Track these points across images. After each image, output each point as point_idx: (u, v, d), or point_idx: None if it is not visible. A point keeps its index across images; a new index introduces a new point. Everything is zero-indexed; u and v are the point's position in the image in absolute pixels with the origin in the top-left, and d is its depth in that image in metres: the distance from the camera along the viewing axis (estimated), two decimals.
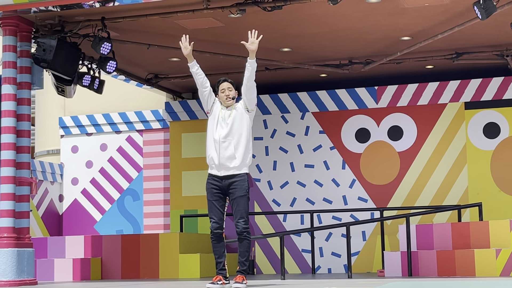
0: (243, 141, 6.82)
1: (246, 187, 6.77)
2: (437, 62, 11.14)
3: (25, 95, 8.77)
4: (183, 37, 7.05)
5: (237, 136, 6.81)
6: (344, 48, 10.57)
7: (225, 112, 6.91)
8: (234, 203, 6.77)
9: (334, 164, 11.78)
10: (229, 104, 6.94)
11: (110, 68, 9.58)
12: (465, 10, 8.90)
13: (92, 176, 13.17)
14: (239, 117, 6.86)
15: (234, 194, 6.76)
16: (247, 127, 6.87)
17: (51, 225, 13.01)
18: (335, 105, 11.85)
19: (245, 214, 6.74)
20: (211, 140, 6.87)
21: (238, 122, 6.84)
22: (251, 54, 6.81)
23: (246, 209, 6.75)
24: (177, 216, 12.06)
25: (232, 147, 6.77)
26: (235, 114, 6.87)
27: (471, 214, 10.93)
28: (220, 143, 6.79)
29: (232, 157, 6.77)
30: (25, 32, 8.83)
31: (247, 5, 8.46)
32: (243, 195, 6.75)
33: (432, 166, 11.39)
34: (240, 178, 6.77)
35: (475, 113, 11.28)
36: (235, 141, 6.79)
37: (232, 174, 6.78)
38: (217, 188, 6.83)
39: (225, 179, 6.79)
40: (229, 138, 6.79)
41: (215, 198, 6.83)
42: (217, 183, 6.83)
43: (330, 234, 11.60)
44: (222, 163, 6.77)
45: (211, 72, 11.50)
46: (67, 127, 13.30)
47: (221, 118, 6.90)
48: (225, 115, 6.90)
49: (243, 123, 6.86)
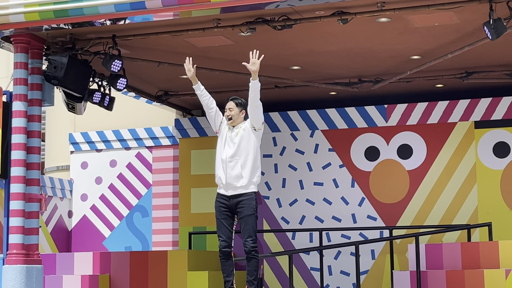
0: (250, 160, 6.84)
1: (254, 205, 6.79)
2: (447, 81, 11.14)
3: (35, 112, 8.81)
4: (186, 59, 7.11)
5: (244, 155, 6.83)
6: (354, 67, 10.59)
7: (232, 132, 6.94)
8: (242, 221, 6.78)
9: (343, 182, 11.76)
10: (230, 123, 6.95)
11: (121, 85, 9.62)
12: (475, 30, 8.91)
13: (101, 192, 13.19)
14: (246, 137, 6.88)
15: (242, 213, 6.78)
16: (254, 146, 6.89)
17: (60, 241, 13.02)
18: (345, 123, 11.85)
19: (253, 233, 6.75)
20: (219, 159, 6.90)
21: (245, 142, 6.86)
22: (253, 74, 6.82)
23: (254, 227, 6.76)
24: (185, 233, 12.05)
25: (238, 167, 6.79)
26: (242, 134, 6.88)
27: (481, 233, 10.87)
28: (227, 162, 6.82)
29: (239, 176, 6.78)
30: (36, 49, 8.89)
31: (257, 24, 8.50)
32: (250, 214, 6.76)
33: (442, 185, 11.35)
34: (247, 197, 6.79)
35: (484, 132, 11.26)
36: (242, 161, 6.81)
37: (240, 193, 6.79)
38: (225, 207, 6.85)
39: (232, 198, 6.81)
40: (236, 157, 6.81)
41: (223, 216, 6.85)
42: (225, 202, 6.85)
43: (339, 252, 11.56)
44: (229, 183, 6.80)
45: (220, 89, 11.55)
46: (77, 143, 13.35)
47: (228, 137, 6.93)
48: (232, 134, 6.92)
49: (250, 142, 6.87)
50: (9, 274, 8.25)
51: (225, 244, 6.81)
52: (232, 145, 6.86)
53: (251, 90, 6.86)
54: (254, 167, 6.84)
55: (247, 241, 6.75)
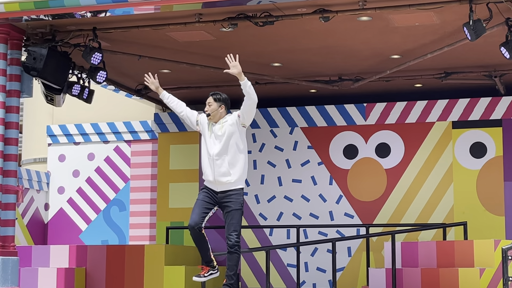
0: (238, 157, 6.83)
1: (241, 201, 6.83)
2: (426, 81, 11.22)
3: (14, 103, 8.75)
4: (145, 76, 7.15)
5: (232, 152, 6.82)
6: (334, 65, 10.62)
7: (216, 127, 6.91)
8: (228, 216, 6.78)
9: (322, 180, 11.81)
10: (209, 119, 6.94)
11: (100, 78, 9.58)
12: (454, 30, 8.98)
13: (79, 186, 13.12)
14: (233, 133, 6.85)
15: (230, 207, 6.78)
16: (242, 142, 6.88)
17: (36, 234, 12.94)
18: (324, 120, 11.89)
19: (238, 227, 6.78)
20: (205, 156, 6.88)
21: (233, 138, 6.84)
22: (238, 77, 6.77)
23: (239, 223, 6.79)
24: (163, 227, 12.03)
25: (226, 163, 6.78)
26: (229, 130, 6.85)
27: (456, 232, 10.97)
28: (214, 160, 6.80)
29: (227, 173, 6.78)
30: (15, 40, 8.83)
31: (239, 20, 8.50)
32: (238, 209, 6.79)
33: (419, 184, 11.43)
34: (236, 192, 6.82)
35: (462, 133, 11.36)
36: (229, 157, 6.80)
37: (228, 189, 6.81)
38: (210, 196, 6.84)
39: (221, 193, 6.83)
40: (223, 155, 6.79)
41: (205, 199, 6.85)
42: (212, 193, 6.85)
43: (315, 249, 11.61)
44: (218, 180, 6.80)
45: (201, 85, 11.55)
46: (54, 136, 13.27)
47: (212, 133, 6.89)
48: (215, 129, 6.89)
49: (238, 139, 6.86)
50: None
51: (194, 224, 6.71)
52: (218, 141, 6.84)
53: (244, 91, 6.82)
54: (241, 163, 6.85)
55: (231, 235, 6.75)
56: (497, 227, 10.96)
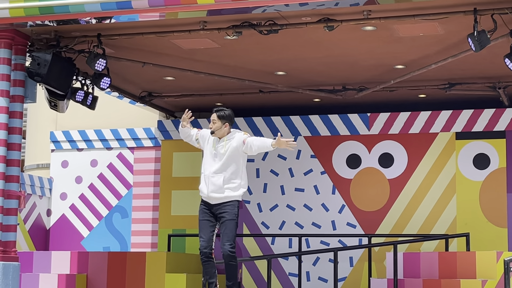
0: (234, 175, 6.92)
1: (236, 212, 6.90)
2: (430, 91, 11.21)
3: (17, 108, 8.75)
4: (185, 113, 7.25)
5: (229, 171, 6.90)
6: (338, 74, 10.63)
7: (219, 144, 6.99)
8: (223, 226, 6.84)
9: (324, 189, 11.79)
10: (213, 136, 7.02)
11: (104, 85, 9.58)
12: (459, 41, 8.98)
13: (81, 192, 13.12)
14: (234, 154, 6.96)
15: (224, 217, 6.86)
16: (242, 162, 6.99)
17: (37, 240, 12.94)
18: (327, 130, 11.89)
19: (232, 238, 6.82)
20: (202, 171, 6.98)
21: (232, 158, 6.95)
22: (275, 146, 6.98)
23: (233, 233, 6.83)
24: (165, 235, 12.02)
25: (221, 181, 6.86)
26: (231, 150, 6.93)
27: (459, 244, 10.94)
28: (209, 177, 6.89)
29: (220, 190, 6.87)
30: (20, 46, 8.84)
31: (244, 28, 8.51)
32: (232, 219, 6.86)
33: (422, 195, 11.41)
34: (230, 204, 6.88)
35: (465, 144, 11.34)
36: (225, 175, 6.89)
37: (222, 202, 6.88)
38: (207, 210, 6.91)
39: (216, 205, 6.89)
40: (219, 173, 6.88)
41: (206, 218, 6.93)
42: (208, 207, 6.92)
43: (317, 258, 11.59)
44: (210, 195, 6.89)
45: (205, 92, 11.56)
46: (58, 142, 13.27)
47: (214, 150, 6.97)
48: (218, 146, 6.97)
49: (237, 159, 6.95)
50: None
51: (205, 245, 6.85)
52: (218, 159, 6.92)
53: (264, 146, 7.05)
54: (239, 181, 6.93)
55: (225, 245, 6.80)
56: (500, 238, 10.92)
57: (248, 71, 10.53)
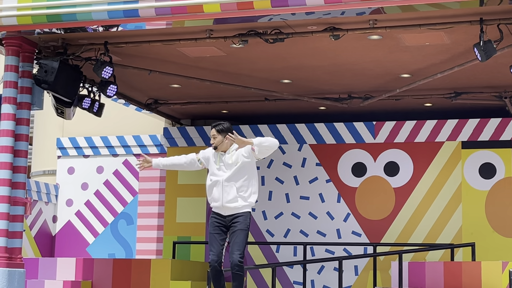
0: (247, 184, 6.93)
1: (248, 223, 6.95)
2: (436, 100, 11.21)
3: (24, 115, 8.79)
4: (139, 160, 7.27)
5: (242, 180, 6.91)
6: (344, 83, 10.64)
7: (226, 156, 6.98)
8: (233, 235, 6.87)
9: (330, 197, 11.78)
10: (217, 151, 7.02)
11: (111, 92, 9.61)
12: (465, 51, 8.98)
13: (87, 198, 13.15)
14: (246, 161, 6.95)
15: (236, 227, 6.91)
16: (253, 169, 6.98)
17: (43, 246, 12.96)
18: (333, 138, 11.89)
19: (242, 247, 6.85)
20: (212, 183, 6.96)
21: (245, 166, 6.94)
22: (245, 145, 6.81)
23: (243, 242, 6.87)
24: (170, 242, 12.02)
25: (234, 190, 6.86)
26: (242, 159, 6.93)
27: (464, 253, 10.91)
28: (223, 186, 6.88)
29: (235, 200, 6.86)
30: (27, 53, 8.88)
31: (250, 36, 8.53)
32: (243, 229, 6.90)
33: (427, 204, 11.39)
34: (243, 215, 6.90)
35: (471, 153, 11.32)
36: (238, 184, 6.89)
37: (235, 213, 6.89)
38: (219, 223, 6.94)
39: (228, 216, 6.91)
40: (232, 181, 6.88)
41: (217, 231, 6.96)
42: (220, 219, 6.94)
43: (322, 267, 11.57)
44: (225, 205, 6.88)
45: (210, 100, 11.59)
46: (64, 148, 13.31)
47: (222, 163, 6.96)
48: (226, 159, 6.97)
49: (249, 167, 6.95)
50: None
51: (216, 259, 6.90)
52: (228, 169, 6.92)
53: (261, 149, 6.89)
54: (250, 190, 6.94)
55: (234, 253, 6.83)
56: (506, 248, 10.89)
57: (254, 79, 10.55)
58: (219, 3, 7.69)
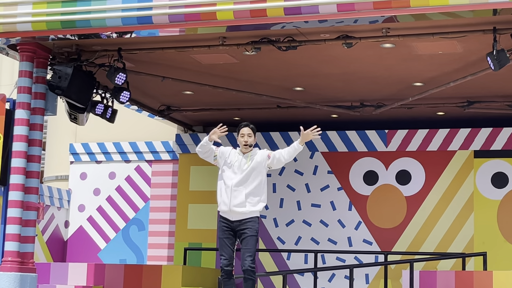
0: (256, 190, 6.94)
1: (257, 228, 6.96)
2: (448, 109, 11.19)
3: (38, 121, 8.84)
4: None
5: (252, 185, 6.92)
6: (356, 91, 10.64)
7: (242, 159, 6.98)
8: (244, 241, 6.90)
9: (341, 205, 11.77)
10: (246, 151, 7.01)
11: (124, 98, 9.65)
12: (478, 59, 8.97)
13: (99, 204, 13.19)
14: (258, 168, 6.97)
15: (245, 234, 6.92)
16: (263, 177, 7.00)
17: (55, 251, 13.01)
18: (345, 146, 11.89)
19: (253, 253, 6.88)
20: (222, 185, 6.96)
21: (255, 172, 6.96)
22: (301, 141, 7.00)
23: (254, 248, 6.91)
24: (181, 248, 12.04)
25: (243, 195, 6.87)
26: (253, 165, 6.95)
27: (476, 263, 10.87)
28: (232, 190, 6.88)
29: (242, 204, 6.87)
30: (42, 59, 8.94)
31: (263, 44, 8.56)
32: (253, 235, 6.92)
33: (439, 213, 11.36)
34: (251, 220, 6.91)
35: (484, 162, 11.29)
36: (247, 190, 6.90)
37: (243, 218, 6.90)
38: (228, 227, 6.95)
39: (236, 222, 6.92)
40: (241, 186, 6.89)
41: (226, 235, 6.97)
42: (228, 224, 6.95)
43: (333, 275, 11.55)
44: (232, 209, 6.89)
45: (223, 107, 11.61)
46: (77, 154, 13.37)
47: (236, 164, 6.97)
48: (241, 162, 6.97)
49: (259, 174, 6.96)
50: (3, 281, 8.24)
51: (227, 263, 6.92)
52: (239, 172, 6.93)
53: (293, 149, 7.04)
54: (259, 197, 6.95)
55: (246, 260, 6.85)
56: None
57: (266, 87, 10.57)
58: (232, 11, 7.72)
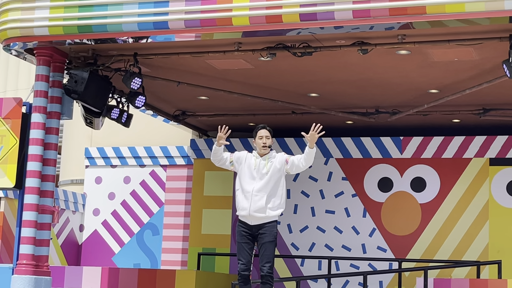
0: (276, 196, 6.96)
1: (275, 233, 6.96)
2: (464, 116, 11.14)
3: (54, 125, 8.89)
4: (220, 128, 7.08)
5: (272, 190, 6.93)
6: (371, 97, 10.63)
7: (260, 162, 6.98)
8: (262, 247, 6.91)
9: (355, 212, 11.75)
10: (264, 152, 7.02)
11: (139, 103, 9.70)
12: (494, 67, 8.94)
13: (114, 208, 13.24)
14: (276, 172, 6.97)
15: (263, 239, 6.92)
16: (283, 181, 7.01)
17: (69, 255, 13.07)
18: (360, 152, 11.87)
19: (272, 259, 6.89)
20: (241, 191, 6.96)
21: (275, 177, 6.96)
22: (310, 144, 6.92)
23: (272, 254, 6.92)
24: (195, 253, 12.06)
25: (263, 200, 6.88)
26: (272, 169, 6.96)
27: (490, 271, 10.80)
28: (253, 195, 6.89)
29: (263, 210, 6.88)
30: (58, 63, 8.99)
31: (278, 50, 8.56)
32: (271, 241, 6.93)
33: (454, 220, 11.31)
34: (270, 224, 6.92)
35: (499, 170, 11.23)
36: (268, 195, 6.91)
37: (262, 222, 6.91)
38: (246, 232, 6.96)
39: (255, 226, 6.92)
40: (262, 191, 6.90)
41: (245, 240, 6.97)
42: (247, 229, 6.95)
43: (347, 282, 11.52)
44: (252, 214, 6.90)
45: (238, 112, 11.63)
46: (92, 158, 13.43)
47: (255, 168, 6.97)
48: (260, 165, 6.96)
49: (279, 178, 6.98)
50: (17, 284, 8.29)
51: (245, 268, 6.93)
52: (258, 177, 6.93)
53: (307, 154, 6.99)
54: (278, 201, 6.97)
55: (265, 266, 6.87)
56: None
57: (281, 92, 10.58)
58: (248, 16, 7.74)
